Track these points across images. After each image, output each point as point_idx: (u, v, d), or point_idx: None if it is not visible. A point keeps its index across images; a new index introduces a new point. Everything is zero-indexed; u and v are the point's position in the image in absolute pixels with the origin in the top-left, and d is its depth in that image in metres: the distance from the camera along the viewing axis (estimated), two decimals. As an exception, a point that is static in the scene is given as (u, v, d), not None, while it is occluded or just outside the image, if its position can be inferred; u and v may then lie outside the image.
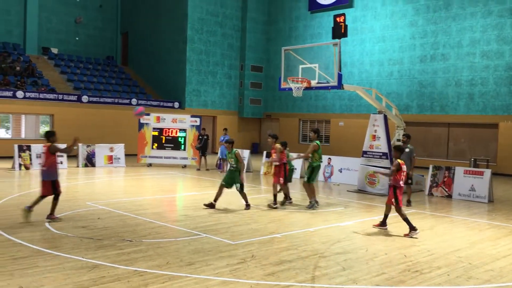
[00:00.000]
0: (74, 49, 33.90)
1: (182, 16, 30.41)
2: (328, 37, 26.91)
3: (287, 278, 6.31)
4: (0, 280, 5.82)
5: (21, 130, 25.53)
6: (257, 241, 8.20)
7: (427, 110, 25.55)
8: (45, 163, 9.39)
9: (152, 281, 5.96)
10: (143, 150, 21.33)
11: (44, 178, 9.41)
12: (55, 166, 9.46)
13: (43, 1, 32.28)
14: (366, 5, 28.01)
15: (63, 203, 11.24)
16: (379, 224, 9.57)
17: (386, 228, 9.46)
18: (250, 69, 32.91)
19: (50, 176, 9.39)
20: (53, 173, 9.41)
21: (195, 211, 10.96)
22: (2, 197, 11.91)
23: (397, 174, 9.12)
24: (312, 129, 12.20)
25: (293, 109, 32.01)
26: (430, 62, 25.38)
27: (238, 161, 11.29)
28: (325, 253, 7.58)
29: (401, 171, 9.14)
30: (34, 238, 7.93)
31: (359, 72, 28.26)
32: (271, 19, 33.32)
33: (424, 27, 25.57)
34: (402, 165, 9.17)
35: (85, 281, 5.90)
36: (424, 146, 25.56)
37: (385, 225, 9.49)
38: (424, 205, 13.14)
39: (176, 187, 15.88)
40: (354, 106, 28.55)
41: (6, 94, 23.87)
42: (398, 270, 6.85)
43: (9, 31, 30.97)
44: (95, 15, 35.11)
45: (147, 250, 7.36)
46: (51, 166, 9.37)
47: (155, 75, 33.15)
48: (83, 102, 26.30)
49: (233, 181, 11.31)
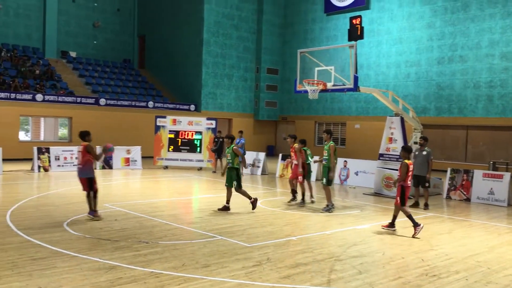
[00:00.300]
0: (92, 52, 34.34)
1: (198, 20, 30.59)
2: (344, 39, 26.79)
3: (302, 281, 6.28)
4: (19, 281, 5.91)
5: (40, 132, 25.93)
6: (273, 244, 8.18)
7: (445, 113, 25.25)
8: (81, 161, 9.79)
9: (168, 283, 5.99)
10: (159, 152, 21.49)
11: (81, 176, 9.77)
12: (90, 164, 9.81)
13: (62, 6, 32.78)
14: (382, 7, 27.83)
15: (81, 204, 11.39)
16: (388, 225, 9.54)
17: (394, 229, 9.42)
18: (266, 71, 32.94)
19: (86, 173, 9.74)
20: (89, 171, 9.76)
21: (210, 213, 10.99)
22: (21, 199, 12.10)
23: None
24: (324, 130, 12.06)
25: (309, 112, 31.92)
26: (448, 64, 25.10)
27: (236, 156, 11.00)
28: (341, 256, 7.53)
29: (408, 171, 9.24)
30: (53, 239, 8.03)
31: (376, 74, 28.08)
32: (287, 22, 33.31)
33: (442, 28, 25.30)
34: (409, 165, 9.28)
35: (102, 282, 5.96)
36: (442, 149, 25.27)
37: (394, 227, 9.46)
38: (442, 209, 12.97)
39: (191, 189, 15.95)
40: (371, 109, 28.36)
41: (26, 97, 24.28)
42: (415, 274, 6.77)
43: (29, 35, 31.51)
44: (113, 19, 35.52)
45: (163, 252, 7.41)
46: (87, 164, 9.73)
47: (172, 78, 33.39)
48: (100, 105, 26.61)
49: (231, 179, 11.10)
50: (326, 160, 11.55)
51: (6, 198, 12.48)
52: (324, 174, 11.63)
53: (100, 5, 34.79)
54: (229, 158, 11.10)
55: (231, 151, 11.06)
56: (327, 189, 11.60)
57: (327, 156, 11.52)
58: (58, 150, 19.17)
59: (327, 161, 11.52)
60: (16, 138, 23.84)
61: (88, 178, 9.76)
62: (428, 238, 9.08)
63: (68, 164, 19.12)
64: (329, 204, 11.61)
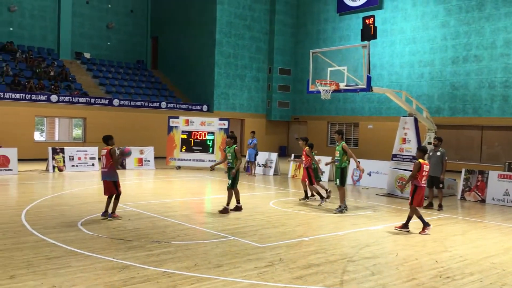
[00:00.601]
0: (105, 53, 34.62)
1: (210, 20, 30.67)
2: (357, 39, 26.65)
3: (315, 282, 6.26)
4: (34, 279, 5.98)
5: (55, 133, 26.21)
6: (285, 244, 8.17)
7: (459, 113, 24.99)
8: (106, 164, 9.94)
9: (181, 283, 6.02)
10: (172, 152, 21.59)
11: (105, 179, 9.95)
12: (114, 167, 10.00)
13: (76, 8, 33.11)
14: (396, 7, 27.65)
15: (95, 204, 11.51)
16: (402, 226, 9.53)
17: (408, 230, 9.40)
18: (278, 72, 32.91)
19: (111, 176, 9.92)
20: (113, 174, 9.95)
21: (223, 213, 11.00)
22: (36, 199, 12.25)
23: (418, 174, 9.34)
24: (336, 131, 11.93)
25: (321, 112, 31.83)
26: (463, 64, 24.84)
27: (236, 158, 10.93)
28: (354, 257, 7.49)
29: (422, 171, 9.33)
30: (67, 238, 8.12)
31: (389, 74, 27.90)
32: (299, 22, 33.25)
33: (456, 28, 25.05)
34: (423, 165, 9.37)
35: (115, 281, 6.01)
36: (456, 150, 25.01)
37: (407, 228, 9.44)
38: (456, 210, 12.84)
39: (204, 189, 15.99)
40: (384, 109, 28.19)
41: (41, 98, 24.56)
42: (429, 276, 6.71)
43: (43, 37, 31.87)
44: (126, 20, 35.77)
45: (176, 252, 7.44)
46: (111, 167, 9.93)
47: (184, 79, 33.52)
48: (114, 105, 26.82)
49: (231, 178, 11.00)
50: (338, 160, 11.40)
51: (21, 198, 12.64)
52: (337, 175, 11.52)
53: (114, 6, 35.06)
54: (229, 158, 11.09)
55: (232, 151, 11.00)
56: (341, 190, 11.53)
57: (339, 157, 11.37)
58: (73, 151, 19.36)
59: (339, 162, 11.38)
60: (31, 139, 24.13)
61: (113, 182, 9.94)
62: (442, 239, 9.00)
63: (82, 164, 19.30)
64: (341, 205, 11.52)
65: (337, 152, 11.42)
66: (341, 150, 11.32)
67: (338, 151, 11.38)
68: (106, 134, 10.27)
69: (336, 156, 11.47)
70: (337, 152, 11.43)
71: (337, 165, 11.50)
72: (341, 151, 11.31)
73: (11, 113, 23.16)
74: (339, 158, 11.35)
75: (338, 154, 11.36)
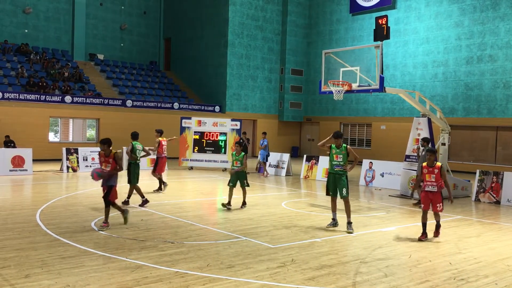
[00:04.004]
0: (119, 55, 34.89)
1: (223, 21, 30.75)
2: (369, 39, 26.52)
3: (327, 283, 6.24)
4: (49, 279, 6.05)
5: (69, 133, 26.47)
6: (297, 245, 8.16)
7: (473, 113, 24.73)
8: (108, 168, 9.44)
9: (193, 283, 6.04)
10: (184, 153, 21.68)
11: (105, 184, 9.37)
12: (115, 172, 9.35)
13: (90, 9, 33.41)
14: (409, 6, 27.45)
15: (108, 204, 11.57)
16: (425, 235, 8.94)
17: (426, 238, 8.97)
18: (291, 72, 32.87)
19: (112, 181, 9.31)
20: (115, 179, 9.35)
21: (235, 214, 11.03)
22: (50, 199, 12.38)
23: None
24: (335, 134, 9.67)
25: (334, 113, 31.71)
26: (477, 64, 24.57)
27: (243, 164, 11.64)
28: (367, 259, 7.46)
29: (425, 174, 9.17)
30: (81, 238, 8.19)
31: (402, 75, 27.71)
32: (311, 22, 33.18)
33: (471, 27, 24.80)
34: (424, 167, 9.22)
35: (128, 281, 6.05)
36: (470, 151, 24.75)
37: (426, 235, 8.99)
38: (470, 211, 12.71)
39: (216, 190, 16.03)
40: (397, 109, 28.00)
41: (55, 99, 24.83)
42: (442, 278, 6.65)
43: (58, 38, 32.22)
44: (139, 22, 36.01)
45: (188, 252, 7.47)
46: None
47: (197, 80, 33.64)
48: (127, 106, 27.01)
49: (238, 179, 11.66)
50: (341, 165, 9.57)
51: (36, 198, 12.79)
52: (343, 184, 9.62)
53: (127, 8, 35.31)
54: (238, 164, 11.68)
55: (241, 158, 11.62)
56: (348, 203, 9.71)
57: (342, 162, 9.54)
58: (86, 151, 19.55)
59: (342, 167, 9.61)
60: (46, 139, 24.40)
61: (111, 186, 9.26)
62: (456, 241, 8.92)
63: (96, 165, 19.45)
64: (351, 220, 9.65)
65: (337, 156, 9.57)
66: (345, 153, 9.58)
67: (341, 154, 9.56)
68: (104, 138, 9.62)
69: (336, 160, 9.56)
70: (337, 156, 9.57)
71: (340, 172, 9.59)
72: (345, 154, 9.58)
73: (26, 114, 23.46)
74: (342, 163, 9.56)
75: (341, 158, 9.56)
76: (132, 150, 11.75)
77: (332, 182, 9.71)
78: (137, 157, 11.81)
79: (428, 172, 9.00)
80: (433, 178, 8.94)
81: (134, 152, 11.77)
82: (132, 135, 12.16)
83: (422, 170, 9.12)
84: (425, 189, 9.04)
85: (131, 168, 11.73)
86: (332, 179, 9.69)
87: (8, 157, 17.48)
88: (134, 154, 11.74)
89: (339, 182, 9.60)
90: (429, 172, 9.00)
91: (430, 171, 9.00)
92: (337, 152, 9.61)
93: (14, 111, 23.23)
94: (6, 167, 17.23)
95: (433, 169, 8.98)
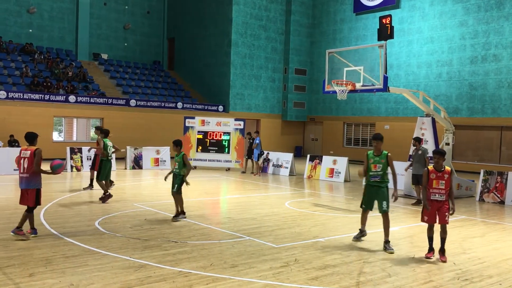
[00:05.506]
0: (122, 54, 34.95)
1: (226, 21, 30.76)
2: (373, 39, 26.47)
3: (330, 283, 6.24)
4: (53, 278, 6.06)
5: (73, 133, 26.55)
6: (300, 245, 8.15)
7: (477, 113, 24.64)
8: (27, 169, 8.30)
9: (197, 282, 6.04)
10: (188, 153, 21.67)
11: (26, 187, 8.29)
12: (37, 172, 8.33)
13: (94, 9, 33.48)
14: (413, 6, 27.38)
15: (112, 204, 11.62)
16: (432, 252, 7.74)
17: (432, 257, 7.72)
18: (294, 72, 32.84)
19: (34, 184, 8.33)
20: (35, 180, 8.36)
21: (238, 213, 11.03)
22: (54, 198, 12.42)
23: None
24: (375, 136, 8.47)
25: (337, 112, 31.67)
26: (481, 63, 24.49)
27: (185, 165, 10.07)
28: (370, 259, 7.44)
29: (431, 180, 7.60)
30: (85, 237, 8.21)
31: (406, 74, 27.65)
32: (315, 22, 33.14)
33: (475, 27, 24.71)
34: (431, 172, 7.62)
35: (132, 280, 6.06)
36: (474, 150, 24.66)
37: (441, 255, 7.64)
38: (474, 212, 12.67)
39: (220, 189, 16.04)
40: (401, 109, 27.94)
41: (59, 98, 24.90)
42: (446, 278, 6.63)
43: (62, 38, 32.30)
44: (143, 21, 36.07)
45: (192, 252, 7.47)
46: (34, 172, 8.28)
47: (200, 79, 33.67)
48: (131, 106, 27.05)
49: (174, 183, 10.14)
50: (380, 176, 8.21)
51: (40, 197, 12.81)
52: (384, 197, 8.19)
53: (130, 8, 35.37)
54: (176, 166, 10.12)
55: (180, 159, 10.09)
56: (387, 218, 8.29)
57: (380, 171, 8.16)
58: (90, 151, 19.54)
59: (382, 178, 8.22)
60: (50, 139, 24.46)
61: (37, 189, 8.23)
62: (460, 241, 8.89)
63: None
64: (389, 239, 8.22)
65: (376, 166, 8.21)
66: (385, 162, 8.19)
67: (380, 164, 8.19)
68: (30, 132, 8.41)
69: (374, 170, 8.22)
70: (375, 165, 8.21)
71: (380, 183, 8.21)
72: (385, 164, 8.18)
73: (30, 113, 23.53)
74: (381, 172, 8.18)
75: (380, 168, 8.20)
76: (104, 147, 12.26)
77: (368, 194, 8.34)
78: (108, 154, 12.31)
79: (436, 177, 7.52)
80: (442, 185, 7.49)
81: (105, 148, 12.28)
82: (104, 132, 12.66)
83: (428, 175, 7.57)
84: (430, 197, 7.57)
85: (102, 164, 12.26)
86: (369, 191, 8.32)
87: (12, 157, 17.34)
88: (105, 151, 12.25)
89: (377, 194, 8.18)
90: (437, 178, 7.52)
91: (438, 176, 7.52)
92: (375, 161, 8.21)
93: (19, 110, 23.31)
94: (10, 167, 17.27)
95: (442, 174, 7.52)
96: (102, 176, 12.19)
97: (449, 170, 7.61)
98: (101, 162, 12.33)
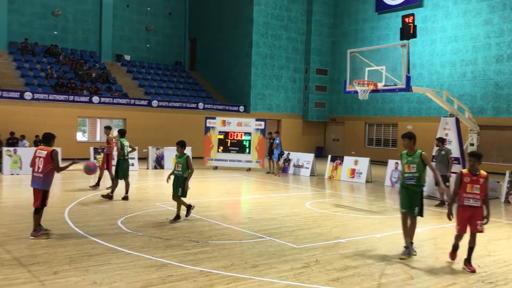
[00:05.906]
0: (145, 55, 35.33)
1: (247, 21, 30.81)
2: (395, 38, 26.15)
3: (351, 284, 6.19)
4: (76, 276, 6.17)
5: (97, 133, 26.95)
6: (321, 246, 8.12)
7: (503, 113, 24.14)
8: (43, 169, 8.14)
9: (218, 282, 6.07)
10: (209, 153, 21.80)
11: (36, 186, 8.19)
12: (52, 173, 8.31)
13: (117, 11, 33.94)
14: (436, 4, 26.98)
15: (135, 203, 11.76)
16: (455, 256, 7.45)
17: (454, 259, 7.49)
18: (315, 72, 32.70)
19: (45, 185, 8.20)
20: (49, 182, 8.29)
21: (259, 214, 11.04)
22: (78, 197, 12.63)
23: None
24: (406, 134, 8.02)
25: (359, 112, 31.41)
26: (507, 62, 23.98)
27: (188, 167, 9.79)
28: (392, 261, 7.36)
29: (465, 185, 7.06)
30: (108, 236, 8.33)
31: (429, 74, 27.25)
32: (336, 22, 32.94)
33: (500, 25, 24.21)
34: (465, 176, 7.07)
35: (154, 279, 6.12)
36: (500, 151, 24.15)
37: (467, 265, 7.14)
38: (500, 213, 12.42)
39: (240, 190, 16.07)
40: (424, 109, 27.56)
41: (83, 99, 25.32)
42: (470, 281, 6.52)
43: (86, 40, 32.84)
44: (165, 23, 36.40)
45: (213, 251, 7.51)
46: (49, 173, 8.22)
47: (221, 80, 33.80)
48: (153, 106, 27.33)
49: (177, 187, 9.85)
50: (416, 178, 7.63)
51: (64, 196, 13.05)
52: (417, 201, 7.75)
53: (153, 9, 35.74)
54: (179, 168, 9.83)
55: (184, 160, 9.79)
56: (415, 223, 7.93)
57: (416, 173, 7.59)
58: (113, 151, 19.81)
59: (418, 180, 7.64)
60: (74, 139, 24.88)
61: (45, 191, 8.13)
62: (485, 243, 8.72)
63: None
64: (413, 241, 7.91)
65: (409, 166, 7.65)
66: (419, 162, 7.59)
67: (414, 164, 7.61)
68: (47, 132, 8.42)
69: (408, 172, 7.65)
70: (409, 166, 7.65)
71: (416, 186, 7.65)
72: (419, 163, 7.58)
73: (55, 114, 23.97)
74: (417, 174, 7.59)
75: (414, 168, 7.61)
76: (121, 147, 12.53)
77: (405, 196, 7.75)
78: (125, 153, 12.57)
79: (471, 181, 6.96)
80: (476, 190, 6.92)
81: (122, 148, 12.54)
82: (120, 133, 13.03)
83: (462, 178, 7.01)
84: (463, 203, 7.03)
85: (119, 163, 12.57)
86: (405, 194, 7.74)
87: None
88: (122, 151, 12.51)
89: (413, 198, 7.69)
90: (472, 182, 6.95)
91: (473, 180, 6.95)
92: (408, 161, 7.65)
93: (44, 111, 23.77)
94: (36, 166, 17.63)
95: (477, 178, 6.95)
96: (120, 175, 12.42)
97: (485, 174, 7.01)
98: (118, 161, 12.63)
